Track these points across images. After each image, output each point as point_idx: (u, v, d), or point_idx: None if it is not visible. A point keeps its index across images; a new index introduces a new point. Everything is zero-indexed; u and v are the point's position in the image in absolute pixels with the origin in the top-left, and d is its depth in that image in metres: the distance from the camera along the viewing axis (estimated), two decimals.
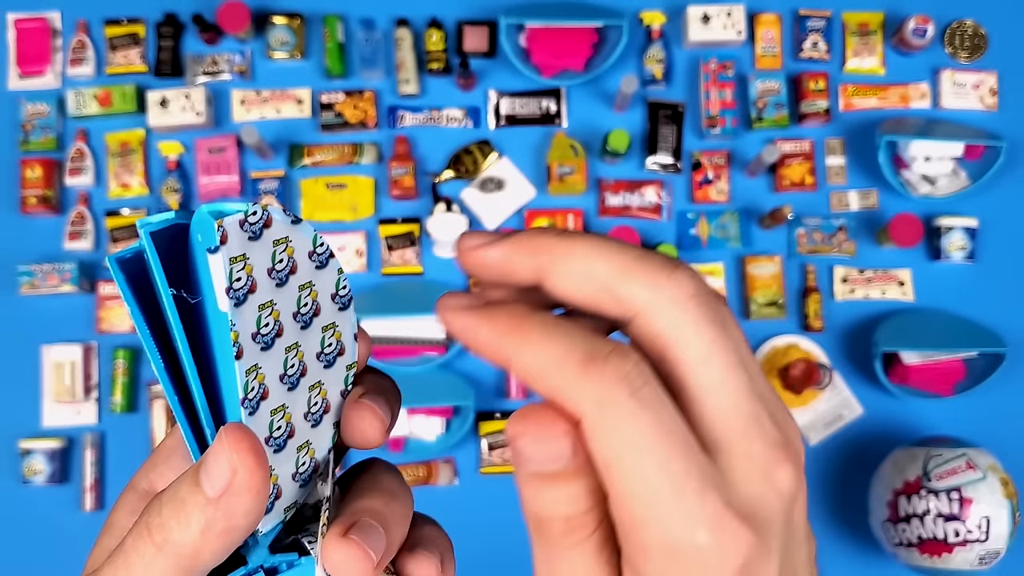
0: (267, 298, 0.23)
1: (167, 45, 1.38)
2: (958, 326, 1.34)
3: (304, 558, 0.25)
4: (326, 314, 0.25)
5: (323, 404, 0.25)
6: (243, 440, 0.21)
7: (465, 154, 1.37)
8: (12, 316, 1.33)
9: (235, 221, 0.21)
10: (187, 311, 0.22)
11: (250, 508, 0.22)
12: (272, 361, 0.23)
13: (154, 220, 0.22)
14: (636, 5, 1.40)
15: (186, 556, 0.22)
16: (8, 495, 1.31)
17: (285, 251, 0.23)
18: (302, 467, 0.25)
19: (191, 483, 0.22)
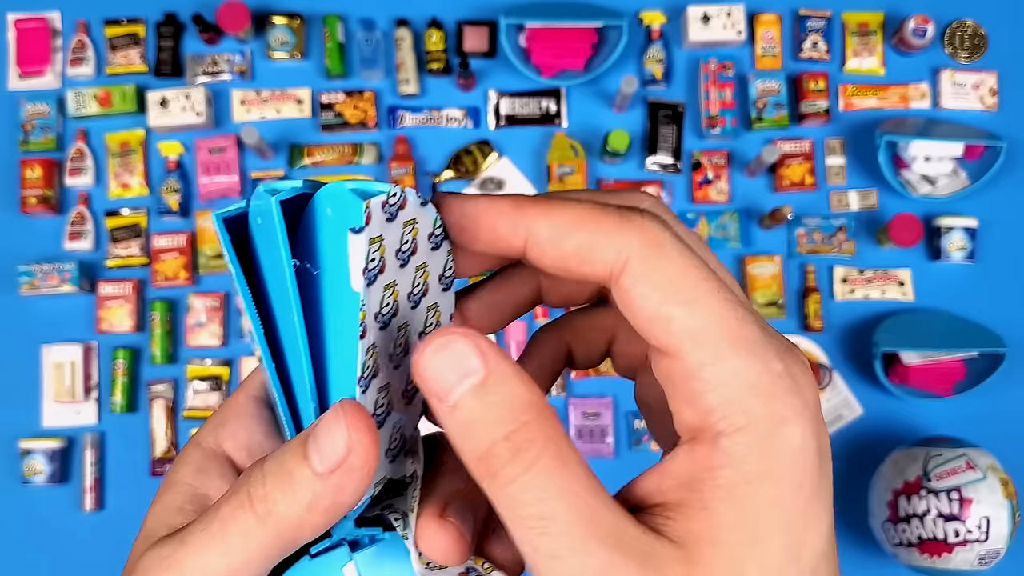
0: (391, 279, 0.23)
1: (167, 45, 1.38)
2: (958, 326, 1.34)
3: (388, 533, 0.25)
4: (432, 295, 0.25)
5: None
6: (361, 419, 0.21)
7: (465, 154, 1.37)
8: (12, 316, 1.33)
9: (379, 203, 0.21)
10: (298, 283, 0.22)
11: (359, 487, 0.21)
12: (385, 340, 0.23)
13: (283, 187, 0.22)
14: (636, 5, 1.40)
15: (288, 529, 0.21)
16: (8, 495, 1.31)
17: (411, 232, 0.23)
18: (394, 443, 0.25)
19: (299, 456, 0.21)
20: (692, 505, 0.20)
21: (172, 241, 1.34)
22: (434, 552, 0.23)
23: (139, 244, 1.34)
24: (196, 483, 0.25)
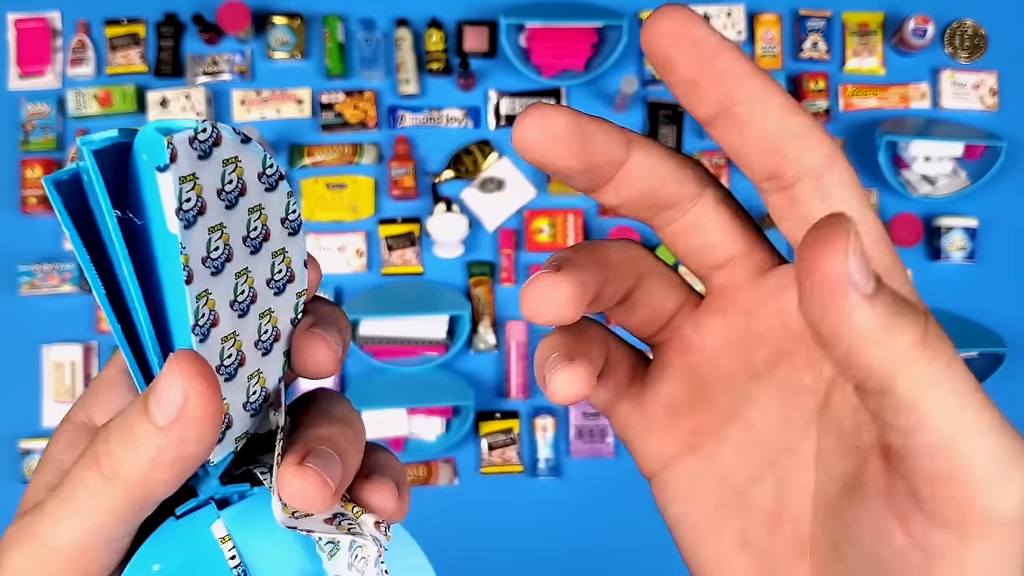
0: (217, 220, 0.22)
1: (167, 45, 1.38)
2: (958, 326, 1.34)
3: (256, 488, 0.24)
4: (276, 239, 0.24)
5: (273, 332, 0.24)
6: (194, 366, 0.20)
7: (465, 154, 1.37)
8: (12, 316, 1.34)
9: (185, 138, 0.20)
10: (130, 236, 0.21)
11: (202, 436, 0.21)
12: (222, 287, 0.22)
13: (96, 138, 0.21)
14: (636, 5, 1.40)
15: (135, 487, 0.21)
16: (8, 495, 1.31)
17: (234, 171, 0.22)
18: (253, 396, 0.24)
19: (140, 411, 0.21)
20: None
21: None
22: (292, 497, 0.22)
23: None
24: (66, 458, 0.24)
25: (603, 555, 1.28)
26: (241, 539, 0.24)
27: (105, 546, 0.22)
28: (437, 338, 1.32)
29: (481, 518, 1.33)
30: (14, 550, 0.21)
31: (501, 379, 1.36)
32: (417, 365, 1.32)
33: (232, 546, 0.24)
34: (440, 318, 1.31)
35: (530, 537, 1.31)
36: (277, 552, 0.24)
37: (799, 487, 0.21)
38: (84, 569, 0.21)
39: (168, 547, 0.23)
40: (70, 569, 0.21)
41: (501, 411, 1.34)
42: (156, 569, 0.23)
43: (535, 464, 1.33)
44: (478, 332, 1.34)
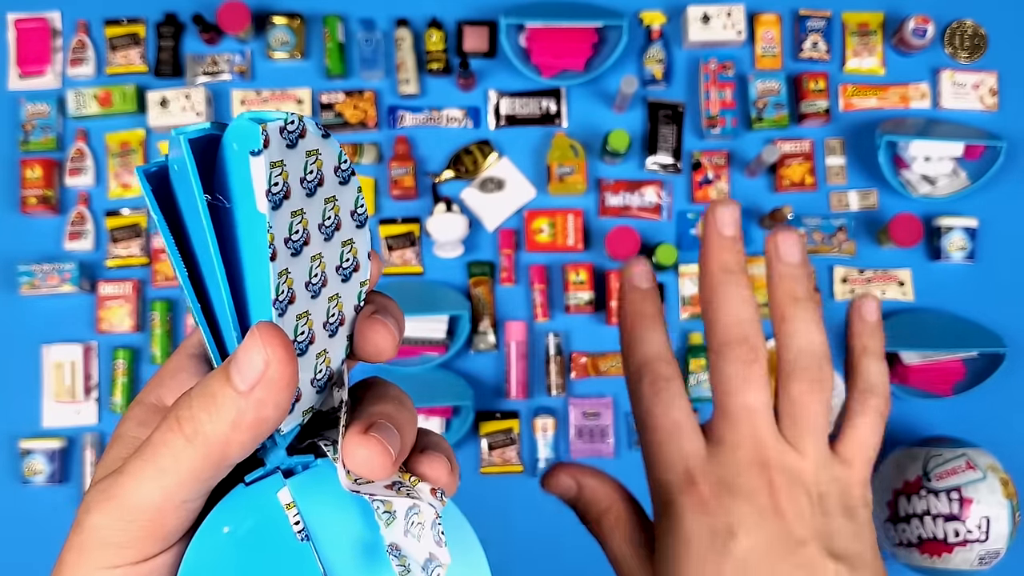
0: (298, 206, 0.24)
1: (167, 45, 1.38)
2: (958, 326, 1.34)
3: (320, 459, 0.26)
4: (346, 229, 0.26)
5: (339, 316, 0.26)
6: (275, 336, 0.22)
7: (465, 154, 1.37)
8: (12, 316, 1.34)
9: (276, 127, 0.22)
10: (216, 220, 0.23)
11: (279, 400, 0.22)
12: (300, 267, 0.24)
13: (190, 129, 0.23)
14: (636, 5, 1.40)
15: (215, 447, 0.22)
16: (8, 495, 1.31)
17: (315, 163, 0.24)
18: (319, 374, 0.26)
19: (222, 378, 0.22)
20: None
21: None
22: (358, 464, 0.24)
23: (139, 244, 1.34)
24: (139, 435, 0.26)
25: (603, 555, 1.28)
26: (305, 506, 0.25)
27: (181, 506, 0.23)
28: (437, 338, 1.32)
29: (481, 518, 1.33)
30: (95, 511, 0.23)
31: (501, 379, 1.36)
32: (417, 365, 1.32)
33: (296, 512, 0.25)
34: (440, 318, 1.31)
35: (530, 537, 1.31)
36: (338, 519, 0.26)
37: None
38: (160, 529, 0.23)
39: (238, 511, 0.25)
40: (148, 528, 0.23)
41: (501, 411, 1.34)
42: (226, 531, 0.24)
43: (535, 464, 1.33)
44: (478, 332, 1.34)
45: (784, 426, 0.33)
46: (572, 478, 0.38)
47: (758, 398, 0.32)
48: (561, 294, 1.36)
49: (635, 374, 0.34)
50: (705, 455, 0.33)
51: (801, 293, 0.34)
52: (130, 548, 0.23)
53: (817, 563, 0.30)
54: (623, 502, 0.37)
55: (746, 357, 0.32)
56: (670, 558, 0.32)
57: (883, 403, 0.34)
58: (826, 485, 0.32)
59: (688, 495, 0.32)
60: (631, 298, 0.35)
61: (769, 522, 0.30)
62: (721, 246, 0.34)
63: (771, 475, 0.31)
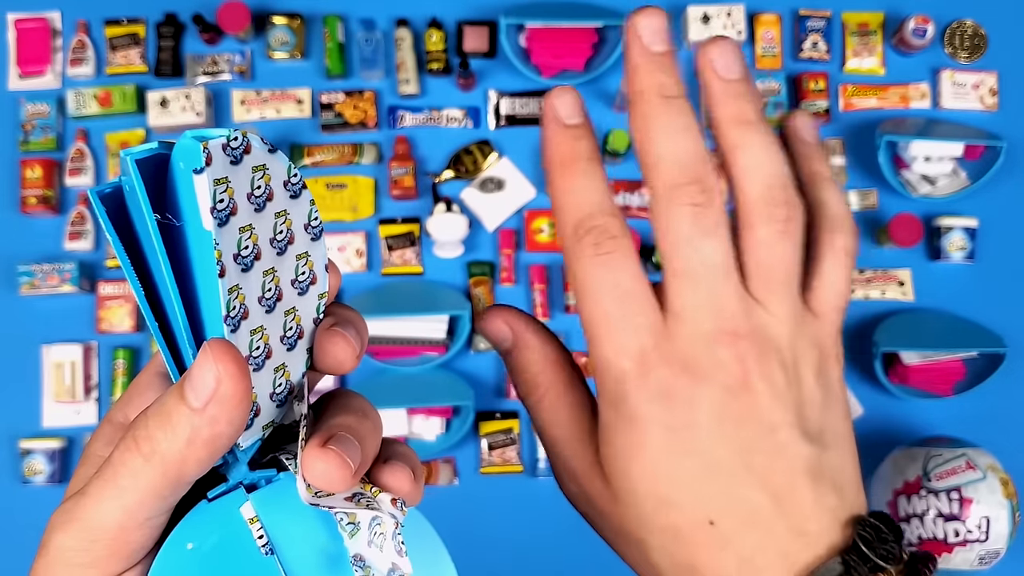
0: (247, 222, 0.24)
1: (167, 45, 1.38)
2: (958, 326, 1.34)
3: (282, 473, 0.26)
4: (299, 243, 0.26)
5: (297, 329, 0.26)
6: (226, 352, 0.22)
7: (465, 154, 1.37)
8: (12, 316, 1.34)
9: (219, 144, 0.22)
10: (167, 239, 0.23)
11: (233, 416, 0.22)
12: (251, 283, 0.24)
13: (137, 150, 0.23)
14: (636, 5, 1.39)
15: (172, 465, 0.22)
16: (8, 495, 1.31)
17: (263, 178, 0.24)
18: (279, 388, 0.26)
19: (176, 396, 0.23)
20: None
21: None
22: (316, 477, 0.24)
23: None
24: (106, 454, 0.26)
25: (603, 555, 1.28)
26: (268, 520, 0.25)
27: (143, 524, 0.23)
28: (437, 338, 1.32)
29: (481, 518, 1.33)
30: (59, 532, 0.23)
31: (501, 379, 1.36)
32: (417, 365, 1.32)
33: (260, 526, 0.25)
34: (440, 318, 1.31)
35: (530, 537, 1.31)
36: (302, 532, 0.26)
37: None
38: (124, 547, 0.23)
39: (201, 527, 0.25)
40: (111, 547, 0.23)
41: (501, 411, 1.34)
42: (190, 547, 0.25)
43: (535, 464, 1.33)
44: (478, 332, 1.34)
45: (750, 281, 0.27)
46: (508, 325, 0.31)
47: (717, 249, 0.26)
48: (561, 294, 1.36)
49: (571, 234, 0.27)
50: (662, 330, 0.26)
51: (750, 114, 0.28)
52: (94, 568, 0.23)
53: (789, 447, 0.26)
54: (563, 367, 0.31)
55: (699, 199, 0.26)
56: (620, 458, 0.27)
57: (851, 239, 0.29)
58: (802, 349, 0.27)
59: (643, 383, 0.26)
60: (558, 138, 0.28)
61: (738, 405, 0.26)
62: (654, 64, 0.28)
63: (740, 346, 0.26)
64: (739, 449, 0.26)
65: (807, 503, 0.26)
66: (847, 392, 0.29)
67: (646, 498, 0.27)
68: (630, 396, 0.26)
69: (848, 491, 0.27)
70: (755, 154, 0.28)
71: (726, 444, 0.26)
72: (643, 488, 0.27)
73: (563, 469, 0.30)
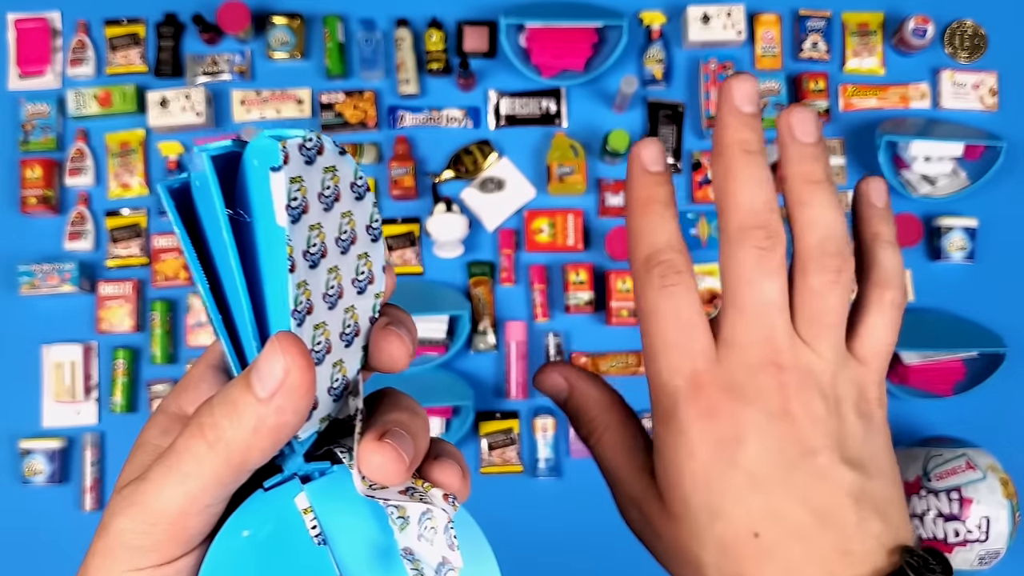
0: (316, 220, 0.25)
1: (167, 45, 1.38)
2: (958, 326, 1.34)
3: (336, 466, 0.27)
4: (361, 243, 0.27)
5: (355, 327, 0.27)
6: (294, 344, 0.23)
7: (465, 154, 1.37)
8: (12, 316, 1.34)
9: (295, 144, 0.23)
10: (236, 234, 0.24)
11: (298, 407, 0.23)
12: (317, 279, 0.25)
13: (212, 147, 0.24)
14: (636, 5, 1.40)
15: (236, 453, 0.23)
16: (8, 495, 1.31)
17: (332, 179, 0.25)
18: (335, 383, 0.27)
19: (242, 386, 0.23)
20: None
21: (172, 241, 1.34)
22: (372, 470, 0.25)
23: (139, 244, 1.34)
24: (161, 443, 0.27)
25: (603, 555, 1.28)
26: (322, 511, 0.26)
27: (203, 511, 0.24)
28: (437, 338, 1.32)
29: (481, 518, 1.33)
30: (120, 516, 0.24)
31: (501, 379, 1.36)
32: (417, 365, 1.32)
33: (313, 517, 0.26)
34: (440, 318, 1.31)
35: (530, 537, 1.31)
36: (353, 524, 0.26)
37: None
38: (183, 532, 0.24)
39: (256, 516, 0.26)
40: (170, 532, 0.24)
41: (501, 411, 1.34)
42: (245, 535, 0.25)
43: (535, 464, 1.33)
44: (478, 332, 1.34)
45: (799, 322, 0.30)
46: (564, 378, 0.37)
47: (774, 289, 0.29)
48: (561, 294, 1.36)
49: (642, 266, 0.31)
50: (714, 356, 0.29)
51: (820, 175, 0.31)
52: (154, 551, 0.24)
53: (831, 471, 0.28)
54: (616, 409, 0.35)
55: (763, 244, 0.29)
56: (672, 471, 0.30)
57: (900, 295, 0.31)
58: (843, 387, 0.30)
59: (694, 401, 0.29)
60: (640, 182, 0.31)
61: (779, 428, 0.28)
62: (740, 123, 0.30)
63: (783, 377, 0.29)
64: (781, 467, 0.28)
65: (850, 524, 0.27)
66: (890, 437, 0.31)
67: (699, 510, 0.29)
68: (680, 412, 0.29)
69: (893, 519, 0.29)
70: (817, 211, 0.30)
71: (768, 461, 0.28)
72: (695, 499, 0.29)
73: (623, 497, 0.33)
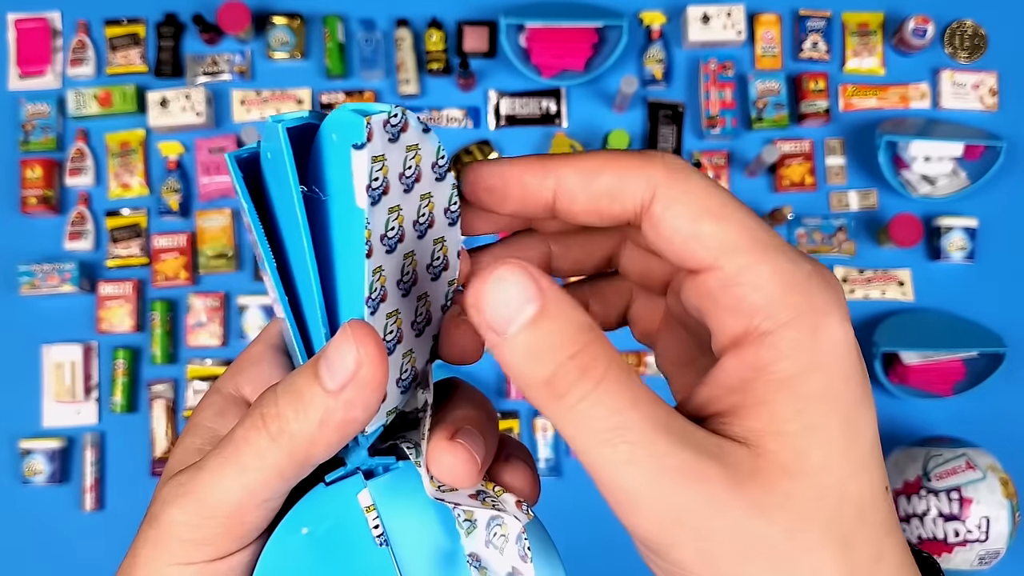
0: (396, 202, 0.23)
1: (167, 45, 1.38)
2: (958, 326, 1.34)
3: (401, 462, 0.25)
4: (438, 227, 0.25)
5: (427, 316, 0.26)
6: (369, 335, 0.21)
7: (465, 154, 1.37)
8: (12, 316, 1.34)
9: (380, 120, 0.21)
10: (308, 211, 0.23)
11: (369, 402, 0.21)
12: (393, 265, 0.23)
13: (288, 117, 0.22)
14: (636, 5, 1.40)
15: (301, 447, 0.21)
16: (8, 495, 1.31)
17: (414, 158, 0.23)
18: (404, 374, 0.25)
19: (310, 376, 0.21)
20: (747, 404, 0.21)
21: (172, 241, 1.34)
22: (443, 472, 0.23)
23: (139, 244, 1.34)
24: (216, 425, 0.25)
25: (602, 555, 1.28)
26: (385, 510, 0.24)
27: (261, 505, 0.22)
28: None
29: None
30: (172, 506, 0.22)
31: (501, 379, 1.36)
32: None
33: (376, 516, 0.24)
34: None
35: None
36: (418, 525, 0.25)
37: None
38: (239, 527, 0.22)
39: (316, 512, 0.24)
40: (226, 526, 0.22)
41: (501, 411, 1.34)
42: (304, 532, 0.24)
43: (535, 464, 1.33)
44: None
45: None
46: None
47: None
48: None
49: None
50: None
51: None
52: (207, 545, 0.22)
53: None
54: None
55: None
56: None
57: None
58: None
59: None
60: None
61: None
62: None
63: None
64: None
65: None
66: None
67: None
68: None
69: None
70: None
71: None
72: None
73: None
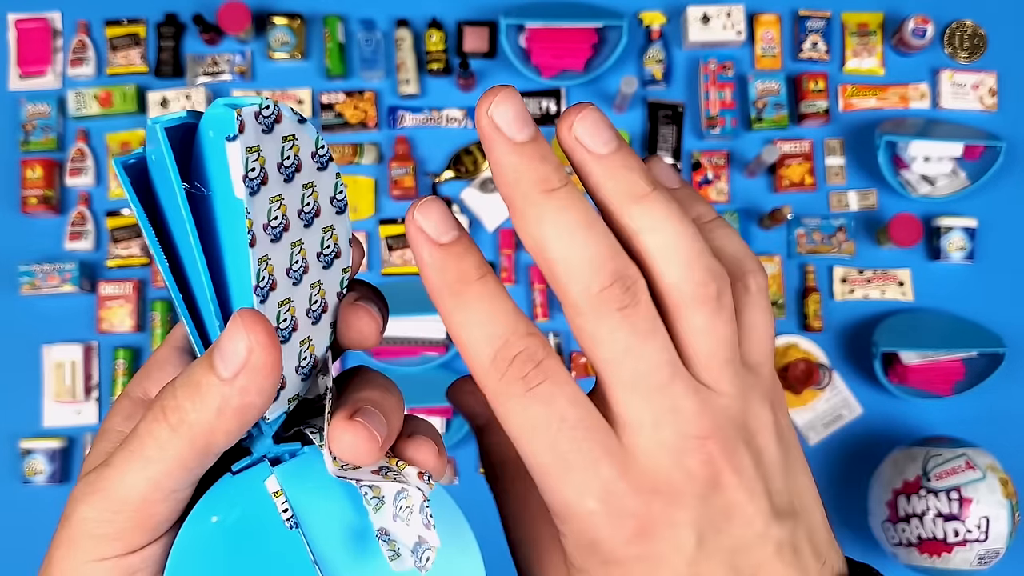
0: (276, 192, 0.23)
1: (168, 46, 1.38)
2: (958, 326, 1.34)
3: (307, 447, 0.26)
4: (325, 216, 0.26)
5: (322, 303, 0.26)
6: (257, 322, 0.22)
7: (465, 154, 1.38)
8: (13, 316, 1.34)
9: (251, 112, 0.22)
10: (194, 209, 0.23)
11: (263, 387, 0.22)
12: (280, 254, 0.24)
13: (165, 118, 0.22)
14: (636, 5, 1.40)
15: (201, 436, 0.22)
16: (8, 495, 1.31)
17: (292, 148, 0.24)
18: (304, 361, 0.26)
19: (205, 367, 0.22)
20: None
21: None
22: (343, 450, 0.24)
23: (139, 244, 1.34)
24: (125, 429, 0.26)
25: None
26: (293, 494, 0.25)
27: (168, 496, 0.23)
28: (437, 338, 1.32)
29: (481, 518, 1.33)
30: (82, 503, 0.23)
31: None
32: (417, 365, 1.32)
33: (284, 500, 0.25)
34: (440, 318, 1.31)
35: None
36: (326, 506, 0.26)
37: None
38: (148, 519, 0.23)
39: (225, 500, 0.25)
40: (135, 519, 0.23)
41: None
42: (214, 520, 0.24)
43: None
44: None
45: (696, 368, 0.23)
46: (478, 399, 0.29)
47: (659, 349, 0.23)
48: None
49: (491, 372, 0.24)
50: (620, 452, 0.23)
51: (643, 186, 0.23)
52: (118, 540, 0.23)
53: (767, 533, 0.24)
54: None
55: (624, 301, 0.22)
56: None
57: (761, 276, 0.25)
58: (756, 413, 0.24)
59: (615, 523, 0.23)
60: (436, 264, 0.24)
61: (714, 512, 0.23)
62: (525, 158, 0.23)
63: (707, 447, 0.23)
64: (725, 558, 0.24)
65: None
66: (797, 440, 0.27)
67: None
68: (604, 540, 0.23)
69: (824, 549, 0.26)
70: (662, 234, 0.23)
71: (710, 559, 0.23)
72: None
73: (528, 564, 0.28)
